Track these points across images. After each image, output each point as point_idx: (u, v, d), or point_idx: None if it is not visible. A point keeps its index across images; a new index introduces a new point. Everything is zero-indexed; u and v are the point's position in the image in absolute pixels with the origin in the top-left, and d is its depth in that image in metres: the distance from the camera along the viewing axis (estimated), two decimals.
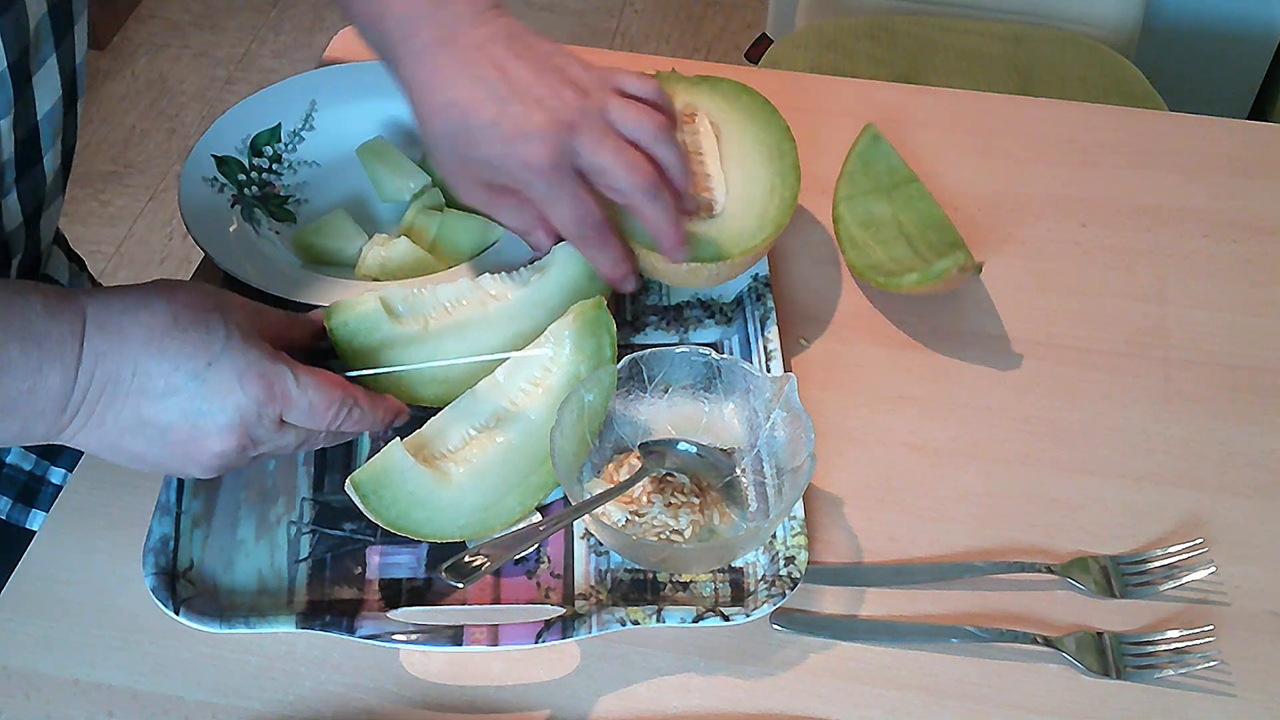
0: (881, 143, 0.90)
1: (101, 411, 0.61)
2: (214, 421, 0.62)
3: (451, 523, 0.70)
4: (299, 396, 0.64)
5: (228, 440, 0.63)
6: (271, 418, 0.63)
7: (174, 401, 0.61)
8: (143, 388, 0.61)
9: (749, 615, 0.66)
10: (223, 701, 0.65)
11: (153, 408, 0.61)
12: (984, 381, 0.80)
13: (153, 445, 0.62)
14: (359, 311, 0.74)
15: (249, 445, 0.64)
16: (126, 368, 0.61)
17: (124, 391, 0.61)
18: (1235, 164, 0.94)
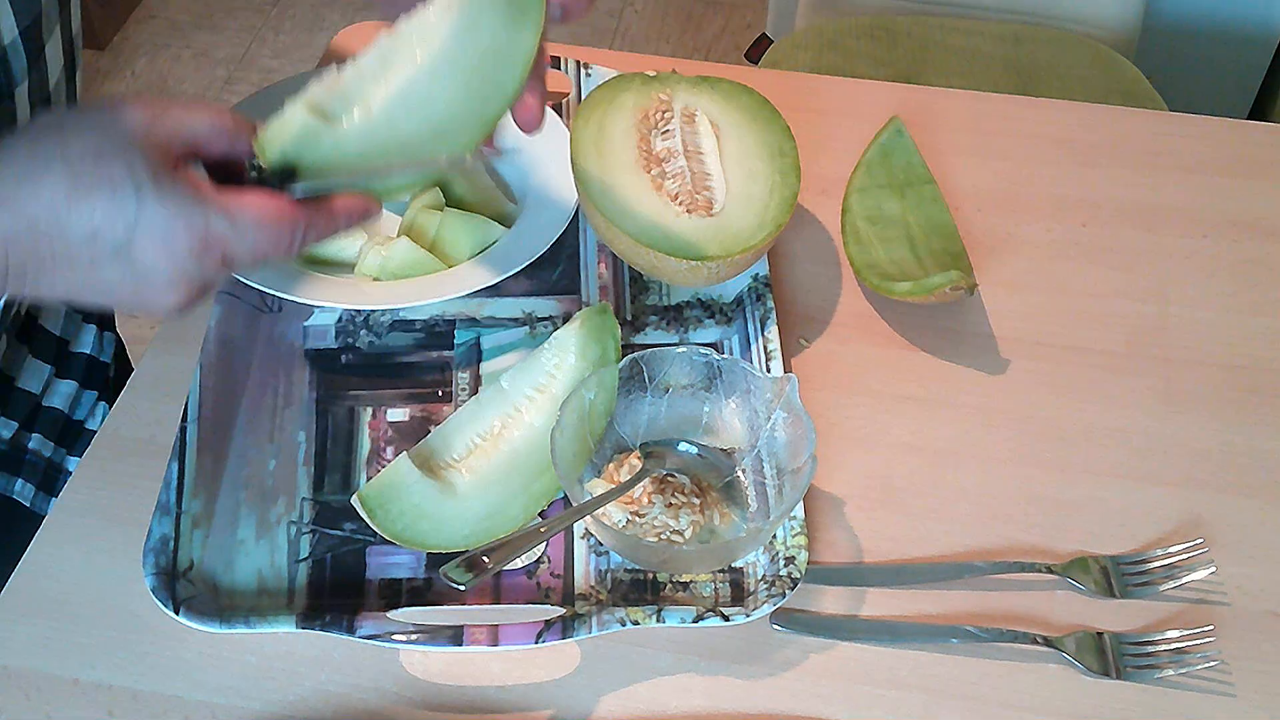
0: (905, 138, 0.90)
1: (35, 283, 0.58)
2: (154, 281, 0.58)
3: (456, 533, 0.70)
4: (238, 238, 0.59)
5: (177, 291, 0.59)
6: (214, 261, 0.59)
7: (105, 272, 0.58)
8: (69, 260, 0.57)
9: (749, 615, 0.66)
10: (223, 701, 0.65)
11: (86, 276, 0.58)
12: (984, 381, 0.80)
13: (110, 296, 0.59)
14: (291, 133, 0.64)
15: (206, 282, 0.60)
16: (42, 245, 0.56)
17: (49, 267, 0.57)
18: (1235, 164, 0.94)
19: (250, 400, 0.77)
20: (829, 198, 0.91)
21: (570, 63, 0.96)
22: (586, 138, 0.81)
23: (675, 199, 0.79)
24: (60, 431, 0.86)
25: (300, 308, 0.81)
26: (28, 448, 0.84)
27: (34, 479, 0.84)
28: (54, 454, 0.86)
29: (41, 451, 0.85)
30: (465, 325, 0.82)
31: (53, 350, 0.85)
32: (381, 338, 0.81)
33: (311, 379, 0.79)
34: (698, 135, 0.82)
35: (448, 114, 0.66)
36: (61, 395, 0.86)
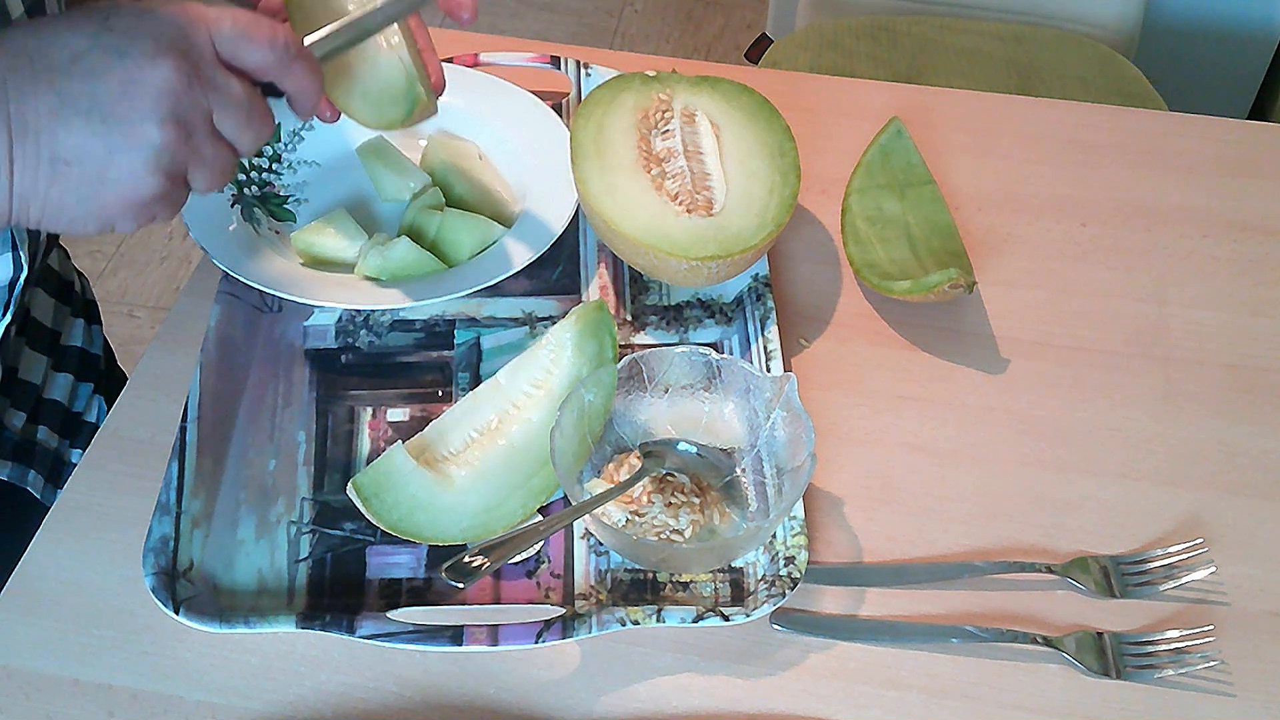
0: (905, 138, 0.90)
1: (20, 112, 0.54)
2: (141, 50, 0.54)
3: (453, 525, 0.70)
4: (221, 13, 0.57)
5: (164, 67, 0.55)
6: (203, 40, 0.57)
7: (87, 61, 0.54)
8: (47, 64, 0.54)
9: (749, 615, 0.66)
10: (223, 701, 0.65)
11: (67, 77, 0.54)
12: (984, 381, 0.80)
13: (92, 121, 0.54)
14: None
15: (195, 78, 0.56)
16: (19, 60, 0.54)
17: (28, 79, 0.54)
18: (1235, 164, 0.94)
19: (250, 400, 0.77)
20: (829, 198, 0.91)
21: (570, 63, 0.96)
22: (586, 138, 0.81)
23: (675, 199, 0.79)
24: (62, 423, 0.86)
25: (300, 308, 0.81)
26: (36, 439, 0.84)
27: (43, 470, 0.85)
28: (59, 445, 0.86)
29: (48, 443, 0.85)
30: (465, 325, 0.82)
31: (46, 342, 0.86)
32: (381, 338, 0.81)
33: (311, 379, 0.79)
34: (698, 135, 0.82)
35: None
36: (60, 387, 0.86)
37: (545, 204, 0.84)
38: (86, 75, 0.54)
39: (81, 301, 0.91)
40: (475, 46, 0.98)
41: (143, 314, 2.02)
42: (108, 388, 0.92)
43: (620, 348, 0.80)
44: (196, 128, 0.57)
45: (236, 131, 0.59)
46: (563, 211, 0.83)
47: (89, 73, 0.54)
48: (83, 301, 0.92)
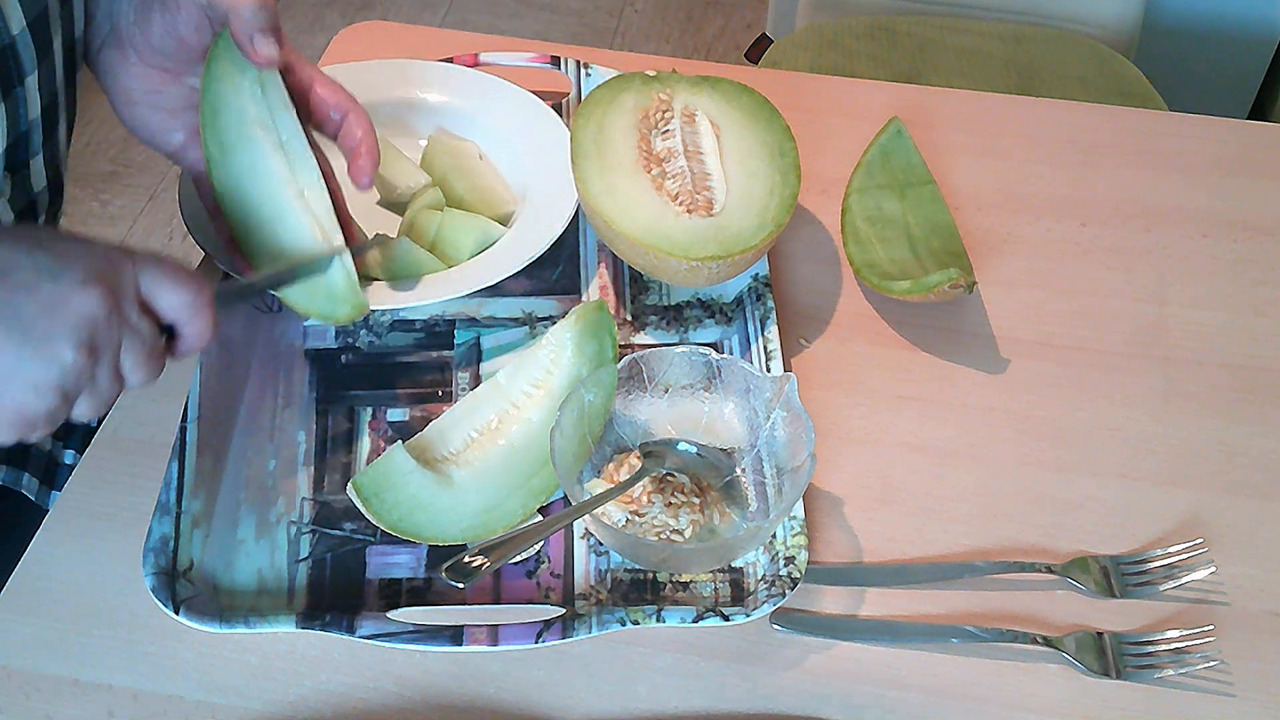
0: (905, 138, 0.90)
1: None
2: (72, 275, 0.56)
3: (453, 525, 0.70)
4: (146, 254, 0.60)
5: (92, 295, 0.57)
6: (129, 276, 0.59)
7: (18, 275, 0.56)
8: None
9: (749, 615, 0.66)
10: (223, 701, 0.65)
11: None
12: (984, 381, 0.80)
13: (12, 332, 0.55)
14: None
15: (115, 311, 0.58)
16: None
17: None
18: (1235, 164, 0.94)
19: (250, 400, 0.77)
20: (829, 198, 0.91)
21: (570, 63, 0.96)
22: (586, 138, 0.81)
23: (675, 199, 0.79)
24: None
25: None
26: (30, 442, 0.84)
27: (37, 473, 0.85)
28: (53, 447, 0.86)
29: (43, 445, 0.85)
30: (465, 325, 0.82)
31: None
32: (381, 338, 0.81)
33: (311, 379, 0.79)
34: (698, 135, 0.82)
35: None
36: None
37: (545, 204, 0.84)
38: (15, 288, 0.56)
39: None
40: (475, 46, 0.98)
41: None
42: None
43: (620, 348, 0.80)
44: (103, 358, 0.59)
45: (133, 369, 0.61)
46: (563, 211, 0.83)
47: (17, 286, 0.56)
48: None
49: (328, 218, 0.75)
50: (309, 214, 0.74)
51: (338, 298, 0.74)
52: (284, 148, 0.74)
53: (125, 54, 0.72)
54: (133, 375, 0.61)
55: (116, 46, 0.72)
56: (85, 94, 0.79)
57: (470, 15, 2.53)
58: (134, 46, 0.72)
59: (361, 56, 0.99)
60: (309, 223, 0.74)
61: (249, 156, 0.73)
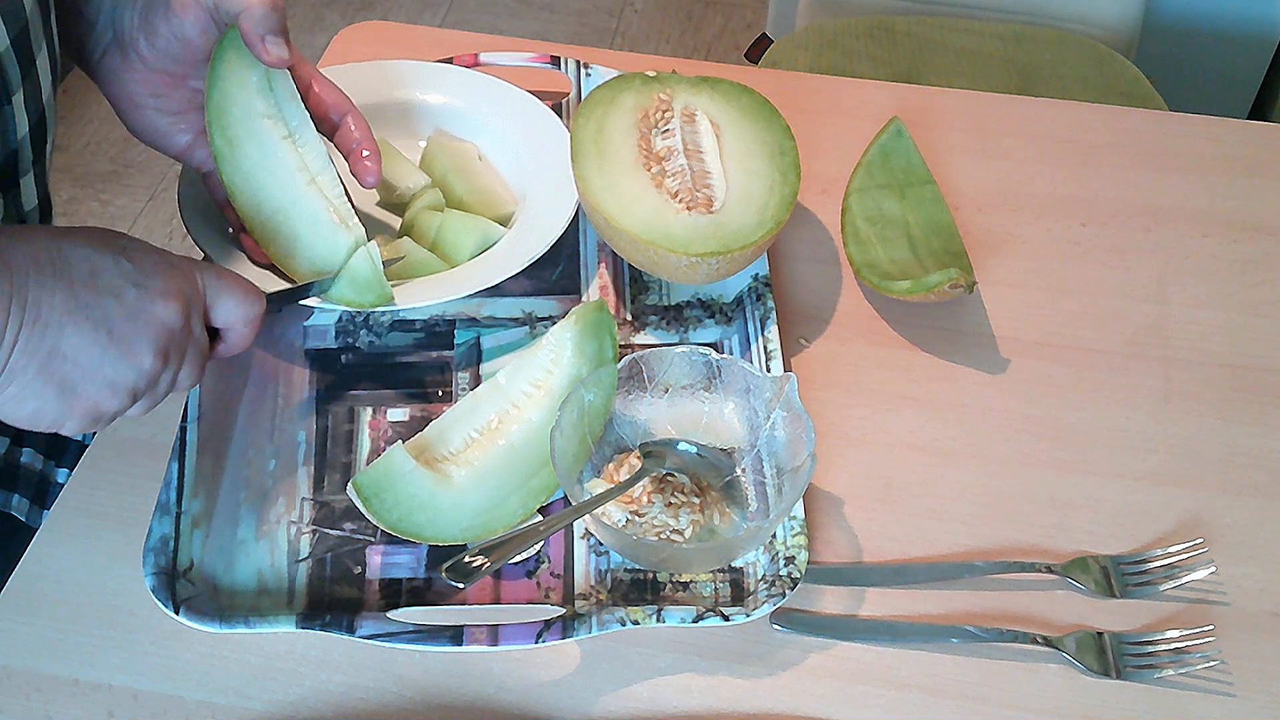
0: (905, 138, 0.90)
1: (37, 302, 0.58)
2: (154, 286, 0.61)
3: (453, 525, 0.70)
4: (213, 271, 0.65)
5: (172, 307, 0.61)
6: (198, 288, 0.64)
7: (106, 278, 0.60)
8: (67, 270, 0.59)
9: (749, 615, 0.66)
10: (223, 701, 0.65)
11: (85, 286, 0.59)
12: (984, 381, 0.80)
13: (99, 332, 0.59)
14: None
15: (187, 323, 0.63)
16: (42, 258, 0.58)
17: (49, 275, 0.58)
18: (1235, 164, 0.94)
19: (250, 400, 0.77)
20: (829, 197, 0.91)
21: (570, 63, 0.96)
22: (586, 137, 0.81)
23: (675, 196, 0.79)
24: (48, 443, 0.86)
25: (300, 308, 0.81)
26: (20, 463, 0.84)
27: (28, 493, 0.84)
28: (44, 467, 0.85)
29: (33, 466, 0.85)
30: (465, 325, 0.82)
31: None
32: (381, 338, 0.81)
33: (311, 379, 0.79)
34: (698, 134, 0.82)
35: None
36: None
37: (545, 204, 0.84)
38: (103, 291, 0.60)
39: None
40: (475, 46, 0.98)
41: None
42: None
43: (620, 348, 0.80)
44: (170, 366, 0.63)
45: (187, 375, 0.65)
46: (563, 211, 0.83)
47: (105, 290, 0.60)
48: None
49: (341, 202, 0.76)
50: (323, 199, 0.76)
51: (362, 286, 0.76)
52: (293, 137, 0.76)
53: (128, 59, 0.73)
54: (185, 380, 0.65)
55: (119, 52, 0.73)
56: (85, 93, 0.80)
57: (470, 15, 2.53)
58: (137, 51, 0.72)
59: (361, 56, 0.99)
60: (324, 207, 0.76)
61: (258, 149, 0.74)
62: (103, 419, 0.62)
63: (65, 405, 0.61)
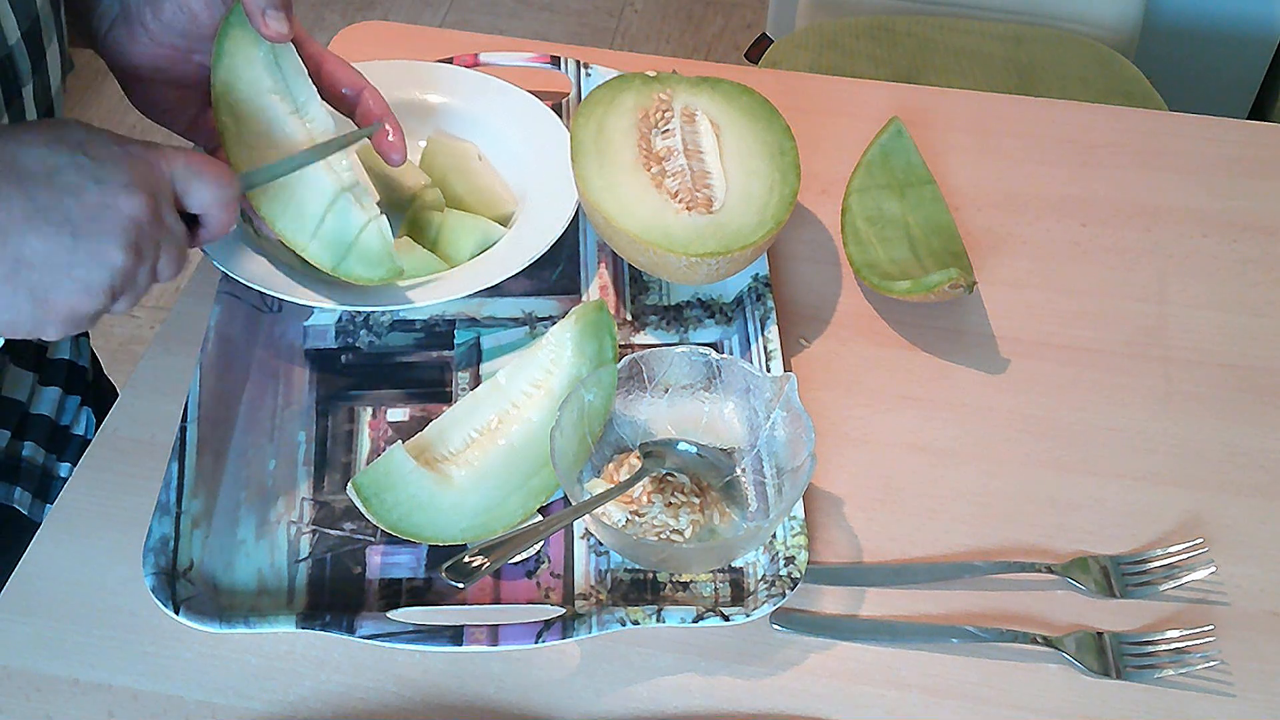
0: (905, 138, 0.90)
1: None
2: (116, 179, 0.58)
3: (453, 525, 0.70)
4: (175, 152, 0.62)
5: (137, 200, 0.59)
6: (164, 178, 0.61)
7: (63, 177, 0.57)
8: (21, 171, 0.57)
9: (749, 615, 0.66)
10: (223, 701, 0.65)
11: (43, 188, 0.57)
12: (984, 381, 0.80)
13: (62, 233, 0.57)
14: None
15: (156, 214, 0.60)
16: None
17: (2, 179, 0.56)
18: (1235, 164, 0.94)
19: (250, 400, 0.77)
20: (829, 197, 0.91)
21: (570, 63, 0.96)
22: (587, 137, 0.81)
23: (675, 196, 0.79)
24: (49, 438, 0.86)
25: (300, 308, 0.81)
26: (22, 456, 0.84)
27: (30, 487, 0.84)
28: (46, 460, 0.86)
29: (35, 459, 0.85)
30: (465, 325, 0.82)
31: (33, 358, 0.85)
32: (381, 338, 0.81)
33: (311, 379, 0.79)
34: (698, 134, 0.82)
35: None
36: (47, 402, 0.86)
37: (545, 204, 0.84)
38: (61, 190, 0.57)
39: None
40: (475, 46, 0.98)
41: (143, 314, 2.02)
42: (96, 398, 0.92)
43: (620, 348, 0.80)
44: (146, 259, 0.61)
45: (166, 266, 0.63)
46: (563, 211, 0.83)
47: (64, 188, 0.57)
48: None
49: (350, 175, 0.76)
50: (331, 172, 0.75)
51: (373, 260, 0.75)
52: (300, 113, 0.75)
53: (134, 33, 0.72)
54: (165, 272, 0.63)
55: (125, 26, 0.73)
56: (86, 91, 0.79)
57: (470, 15, 2.53)
58: (144, 25, 0.72)
59: (361, 56, 0.99)
60: (333, 182, 0.75)
61: (264, 125, 0.74)
62: (85, 320, 0.60)
63: (41, 312, 0.59)
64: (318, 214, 0.75)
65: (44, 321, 0.60)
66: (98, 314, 0.61)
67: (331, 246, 0.75)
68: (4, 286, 0.57)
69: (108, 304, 0.60)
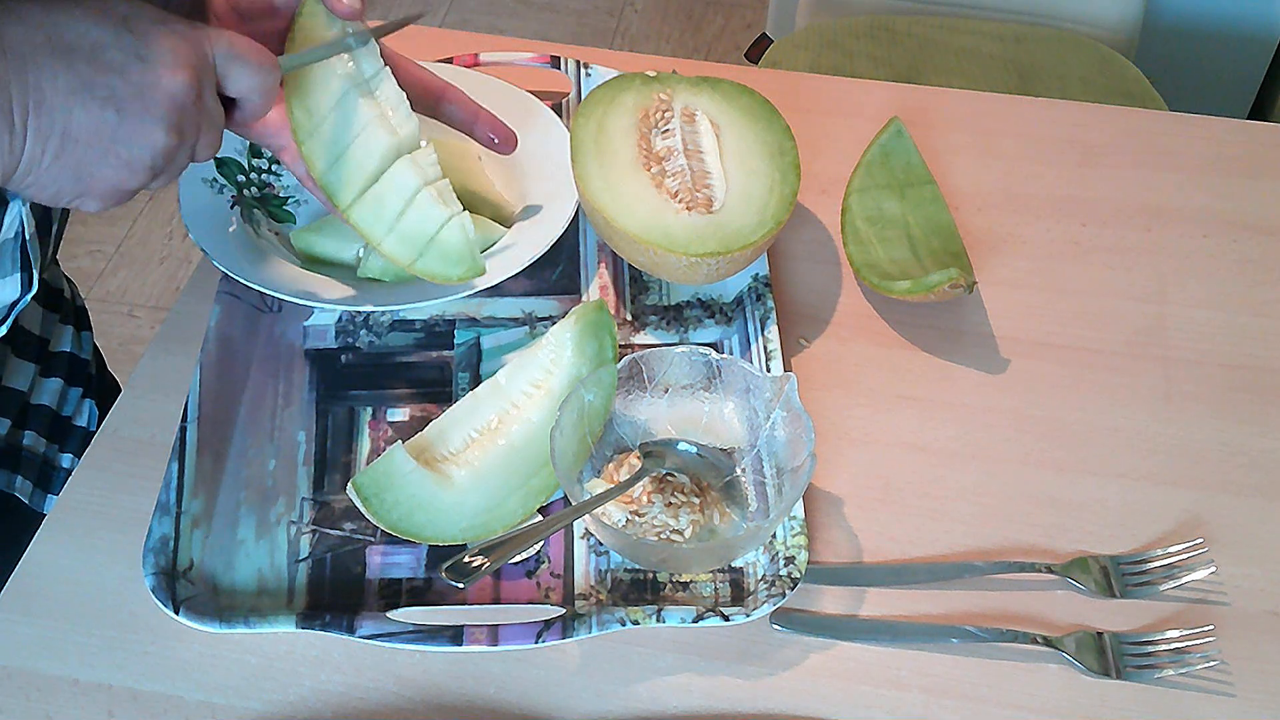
0: (905, 138, 0.90)
1: (38, 85, 0.56)
2: (160, 59, 0.58)
3: (453, 525, 0.70)
4: (219, 33, 0.62)
5: (180, 79, 0.59)
6: (208, 59, 0.61)
7: (108, 54, 0.57)
8: (66, 45, 0.57)
9: (749, 615, 0.66)
10: (223, 701, 0.65)
11: (87, 63, 0.57)
12: (984, 381, 0.80)
13: (107, 110, 0.58)
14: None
15: (199, 95, 0.61)
16: (38, 36, 0.56)
17: (47, 56, 0.56)
18: (1235, 164, 0.94)
19: (250, 400, 0.77)
20: (829, 197, 0.91)
21: (570, 63, 0.96)
22: (587, 137, 0.81)
23: (675, 196, 0.79)
24: (50, 428, 0.86)
25: (300, 308, 0.81)
26: (23, 445, 0.84)
27: (31, 475, 0.85)
28: (47, 450, 0.86)
29: (36, 448, 0.85)
30: (465, 325, 0.82)
31: (35, 349, 0.86)
32: (381, 338, 0.81)
33: (311, 379, 0.79)
34: (698, 134, 0.82)
35: None
36: (49, 392, 0.86)
37: (545, 204, 0.84)
38: (106, 68, 0.57)
39: (71, 308, 0.91)
40: (475, 46, 0.98)
41: (143, 314, 2.02)
42: (99, 393, 0.92)
43: (620, 348, 0.80)
44: (187, 139, 0.61)
45: (204, 149, 0.63)
46: (563, 211, 0.83)
47: (109, 66, 0.57)
48: (72, 308, 0.91)
49: (434, 169, 0.75)
50: (415, 166, 0.74)
51: (453, 258, 0.75)
52: (385, 114, 0.73)
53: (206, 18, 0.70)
54: (203, 153, 0.64)
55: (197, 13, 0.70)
56: None
57: (470, 15, 2.53)
58: (216, 15, 0.70)
59: None
60: (415, 174, 0.74)
61: (345, 121, 0.72)
62: (124, 195, 0.61)
63: (84, 186, 0.60)
64: (397, 208, 0.73)
65: (86, 194, 0.60)
66: (137, 190, 0.62)
67: (409, 241, 0.74)
68: (54, 163, 0.58)
69: (148, 181, 0.61)
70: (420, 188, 0.74)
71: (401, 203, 0.74)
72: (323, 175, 0.72)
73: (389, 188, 0.73)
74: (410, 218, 0.74)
